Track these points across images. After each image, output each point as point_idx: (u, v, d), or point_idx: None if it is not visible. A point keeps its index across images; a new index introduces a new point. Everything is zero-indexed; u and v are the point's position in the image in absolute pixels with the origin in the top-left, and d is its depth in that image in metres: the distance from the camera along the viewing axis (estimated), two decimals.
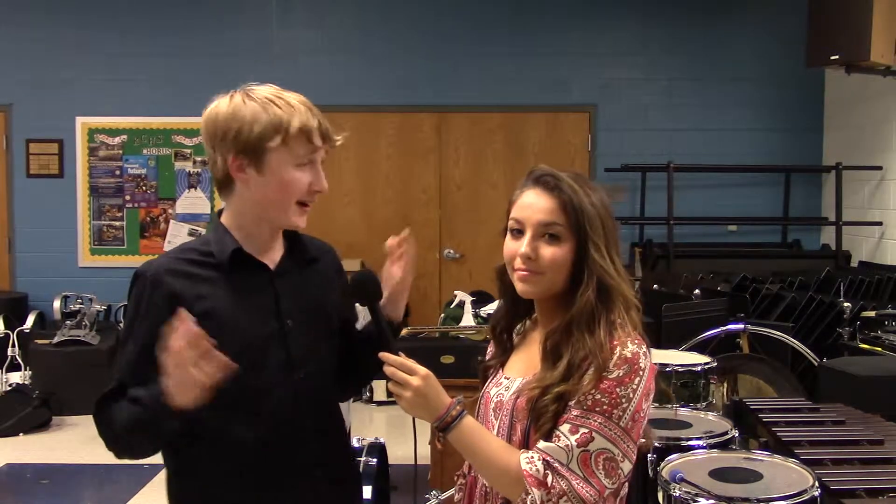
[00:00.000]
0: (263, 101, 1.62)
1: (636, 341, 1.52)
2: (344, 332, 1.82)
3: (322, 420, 1.74)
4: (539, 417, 1.51)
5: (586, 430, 1.46)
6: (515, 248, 1.57)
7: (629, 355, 1.49)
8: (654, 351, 1.62)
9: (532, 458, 1.47)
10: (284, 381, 1.66)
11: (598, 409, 1.46)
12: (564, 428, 1.47)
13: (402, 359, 1.53)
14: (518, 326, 1.72)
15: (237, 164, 1.63)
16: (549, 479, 1.45)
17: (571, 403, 1.48)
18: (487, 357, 1.76)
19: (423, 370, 1.52)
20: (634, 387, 1.47)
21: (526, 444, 1.53)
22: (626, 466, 1.49)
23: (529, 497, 1.45)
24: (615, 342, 1.49)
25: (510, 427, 1.57)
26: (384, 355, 1.53)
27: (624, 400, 1.46)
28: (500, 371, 1.68)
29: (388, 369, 1.53)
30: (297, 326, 1.69)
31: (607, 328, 1.51)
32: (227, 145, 1.62)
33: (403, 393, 1.51)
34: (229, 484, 1.66)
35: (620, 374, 1.47)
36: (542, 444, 1.48)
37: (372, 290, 1.66)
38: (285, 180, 1.62)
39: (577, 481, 1.45)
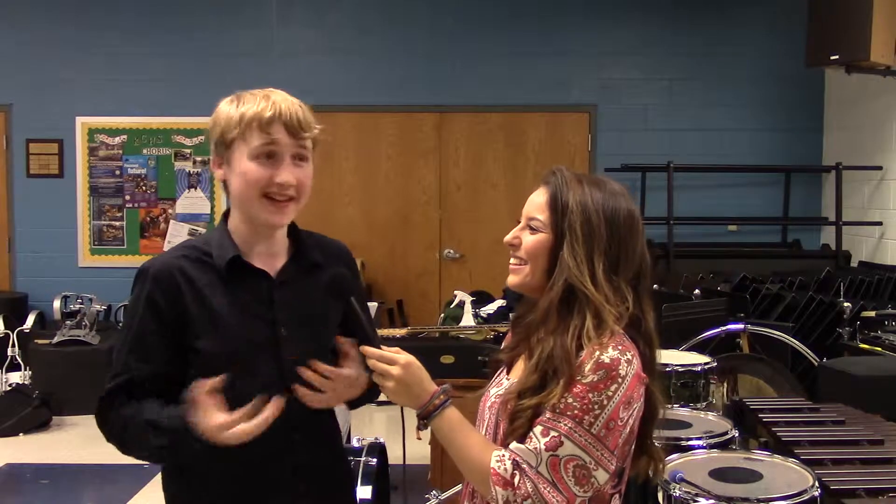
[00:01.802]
0: (244, 98, 1.65)
1: (620, 347, 1.47)
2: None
3: (313, 430, 1.72)
4: (513, 420, 1.50)
5: (556, 434, 1.44)
6: None
7: (607, 361, 1.44)
8: None
9: (503, 457, 1.47)
10: (274, 390, 1.64)
11: (568, 413, 1.43)
12: (537, 430, 1.46)
13: (382, 350, 1.53)
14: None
15: (216, 162, 1.68)
16: (517, 479, 1.44)
17: (545, 405, 1.46)
18: (502, 347, 1.76)
19: (403, 359, 1.52)
20: (610, 394, 1.43)
21: (506, 442, 1.52)
22: (601, 476, 1.45)
23: (493, 495, 1.45)
24: (594, 347, 1.45)
25: (495, 424, 1.58)
26: (364, 349, 1.54)
27: (596, 406, 1.43)
28: (506, 371, 1.68)
29: (369, 362, 1.53)
30: (291, 336, 1.68)
31: (576, 334, 1.47)
32: (211, 146, 1.68)
33: (385, 383, 1.52)
34: (219, 490, 1.66)
35: (594, 380, 1.43)
36: (514, 444, 1.48)
37: (346, 288, 1.66)
38: (241, 171, 1.62)
39: (545, 485, 1.43)
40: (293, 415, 1.66)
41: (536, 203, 1.58)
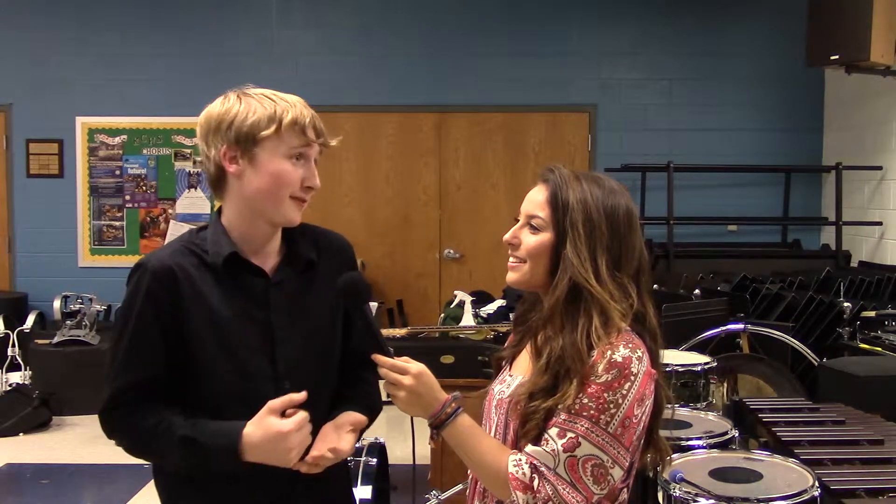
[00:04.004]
0: (259, 96, 1.64)
1: (630, 345, 1.48)
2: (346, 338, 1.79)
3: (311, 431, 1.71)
4: (525, 423, 1.50)
5: (573, 435, 1.44)
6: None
7: (619, 360, 1.45)
8: None
9: (520, 461, 1.47)
10: (269, 391, 1.64)
11: (584, 413, 1.44)
12: (552, 432, 1.46)
13: (394, 360, 1.53)
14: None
15: (230, 156, 1.63)
16: (536, 483, 1.44)
17: (560, 407, 1.46)
18: (504, 346, 1.76)
19: (415, 368, 1.52)
20: (624, 392, 1.44)
21: (518, 444, 1.52)
22: (617, 473, 1.47)
23: (514, 500, 1.45)
24: (605, 346, 1.46)
25: (505, 425, 1.58)
26: (376, 357, 1.53)
27: (612, 405, 1.44)
28: (508, 368, 1.68)
29: (381, 371, 1.53)
30: (286, 336, 1.67)
31: (585, 332, 1.47)
32: (220, 137, 1.63)
33: (397, 393, 1.52)
34: (215, 490, 1.66)
35: (609, 379, 1.44)
36: (530, 447, 1.48)
37: (360, 293, 1.64)
38: (277, 171, 1.61)
39: (564, 486, 1.44)
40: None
41: (536, 201, 1.58)
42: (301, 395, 1.57)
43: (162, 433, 1.58)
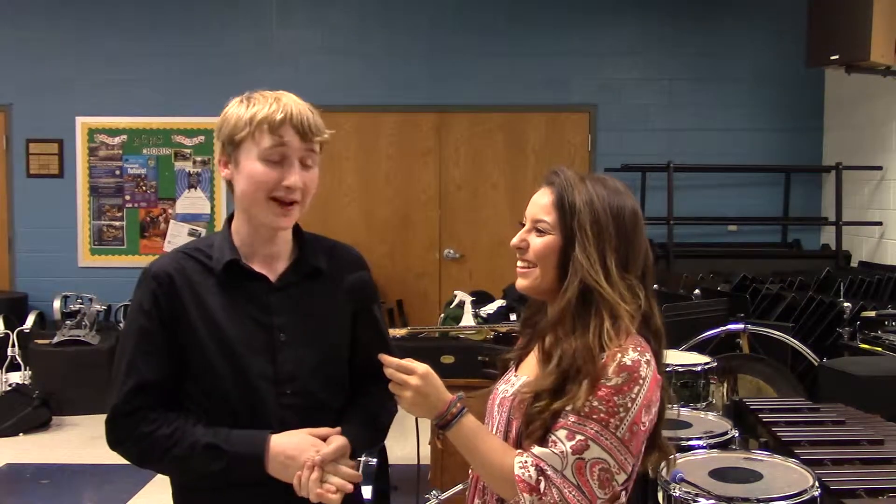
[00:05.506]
0: (254, 99, 1.65)
1: (639, 349, 1.48)
2: (354, 347, 1.77)
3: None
4: (529, 423, 1.50)
5: (582, 438, 1.44)
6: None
7: (629, 363, 1.45)
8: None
9: (526, 462, 1.46)
10: (270, 396, 1.65)
11: (594, 416, 1.44)
12: (561, 433, 1.46)
13: (400, 360, 1.53)
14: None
15: (222, 160, 1.67)
16: (542, 485, 1.44)
17: (568, 409, 1.46)
18: (512, 348, 1.75)
19: (421, 368, 1.52)
20: (633, 396, 1.44)
21: (520, 443, 1.52)
22: (621, 478, 1.47)
23: (521, 501, 1.45)
24: (616, 349, 1.46)
25: (507, 423, 1.57)
26: (383, 357, 1.54)
27: (622, 409, 1.44)
28: (514, 369, 1.68)
29: (387, 371, 1.53)
30: (290, 341, 1.67)
31: (597, 334, 1.47)
32: (218, 143, 1.67)
33: (403, 393, 1.52)
34: (217, 494, 1.65)
35: (619, 383, 1.44)
36: (537, 449, 1.47)
37: (367, 294, 1.64)
38: (250, 173, 1.61)
39: (569, 489, 1.43)
40: (290, 420, 1.66)
41: (541, 204, 1.57)
42: (336, 430, 1.65)
43: (181, 441, 1.58)
